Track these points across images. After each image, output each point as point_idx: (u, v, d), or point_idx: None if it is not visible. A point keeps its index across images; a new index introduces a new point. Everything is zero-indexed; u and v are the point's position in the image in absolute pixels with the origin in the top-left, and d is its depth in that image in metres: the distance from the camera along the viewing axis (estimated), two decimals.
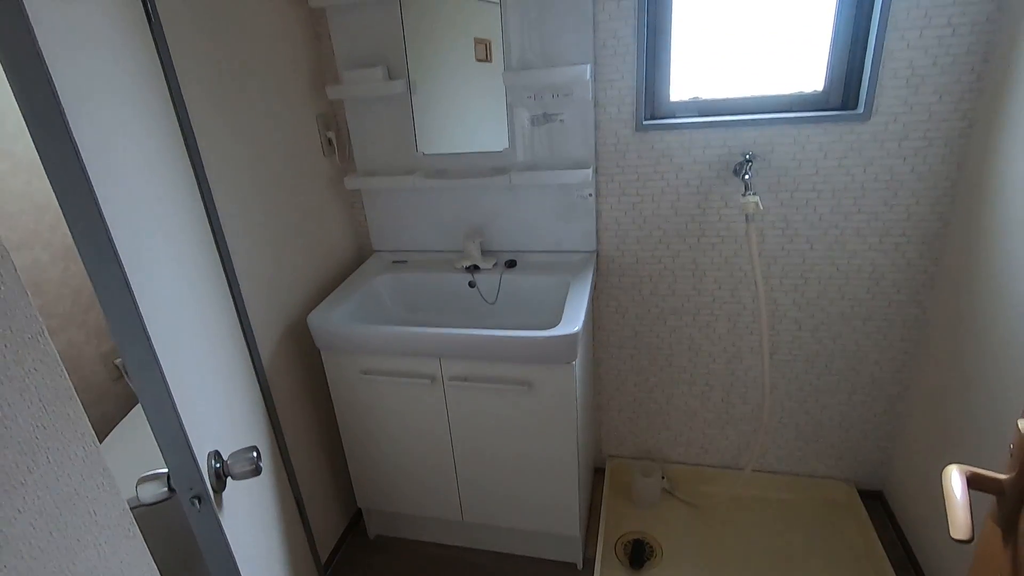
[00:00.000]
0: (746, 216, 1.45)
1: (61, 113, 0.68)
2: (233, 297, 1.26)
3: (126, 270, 0.74)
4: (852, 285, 1.59)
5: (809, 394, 1.76)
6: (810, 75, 1.48)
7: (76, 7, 0.78)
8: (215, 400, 1.04)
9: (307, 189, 1.60)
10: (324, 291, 1.69)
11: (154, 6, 1.04)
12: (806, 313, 1.65)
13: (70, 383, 0.50)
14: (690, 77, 1.54)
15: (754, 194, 1.43)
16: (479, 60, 1.56)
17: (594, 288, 1.68)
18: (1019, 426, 0.59)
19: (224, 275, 1.23)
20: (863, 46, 1.38)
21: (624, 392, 1.90)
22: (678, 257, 1.66)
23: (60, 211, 0.68)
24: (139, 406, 1.77)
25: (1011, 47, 1.21)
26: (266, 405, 1.36)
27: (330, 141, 1.69)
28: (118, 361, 2.05)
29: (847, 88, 1.45)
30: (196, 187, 1.15)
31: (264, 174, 1.42)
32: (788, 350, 1.71)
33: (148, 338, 0.77)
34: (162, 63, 1.06)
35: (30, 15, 0.64)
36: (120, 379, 2.10)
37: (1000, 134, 1.24)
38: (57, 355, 0.49)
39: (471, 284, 1.68)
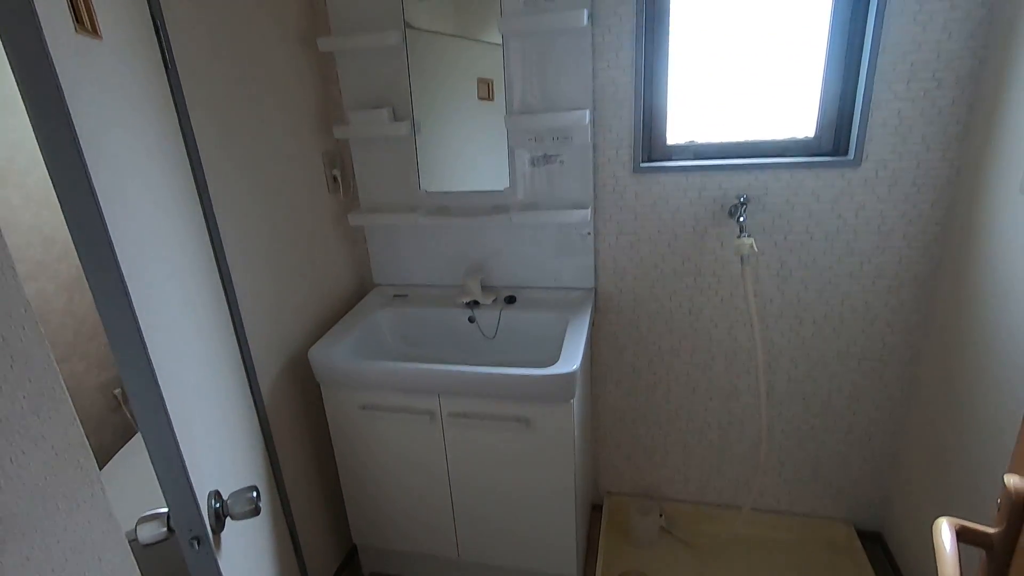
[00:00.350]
0: (741, 258, 1.49)
1: (79, 151, 0.70)
2: (236, 333, 1.28)
3: (135, 306, 0.76)
4: (847, 326, 1.61)
5: (807, 433, 1.76)
6: (802, 121, 1.53)
7: (97, 51, 0.82)
8: (216, 438, 1.05)
9: (311, 224, 1.64)
10: (325, 324, 1.71)
11: (171, 52, 1.09)
12: (802, 353, 1.67)
13: (82, 431, 0.52)
14: (686, 121, 1.59)
15: (749, 236, 1.47)
16: (481, 99, 1.61)
17: (592, 325, 1.70)
18: (1005, 481, 0.60)
19: (228, 311, 1.26)
20: (852, 96, 1.44)
21: (622, 429, 1.91)
22: (675, 295, 1.69)
23: (67, 243, 0.70)
24: (136, 437, 1.77)
25: (994, 99, 1.26)
26: (265, 441, 1.36)
27: (335, 178, 1.73)
28: (117, 391, 2.05)
29: (838, 135, 1.50)
30: (204, 224, 1.18)
31: (270, 210, 1.45)
32: (785, 389, 1.72)
33: (155, 378, 0.79)
34: (175, 102, 1.10)
35: (53, 56, 0.67)
36: (118, 409, 2.10)
37: (986, 181, 1.28)
38: (72, 405, 0.51)
39: (471, 319, 1.70)
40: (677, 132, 1.60)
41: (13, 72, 0.63)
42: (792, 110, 1.52)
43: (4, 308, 0.45)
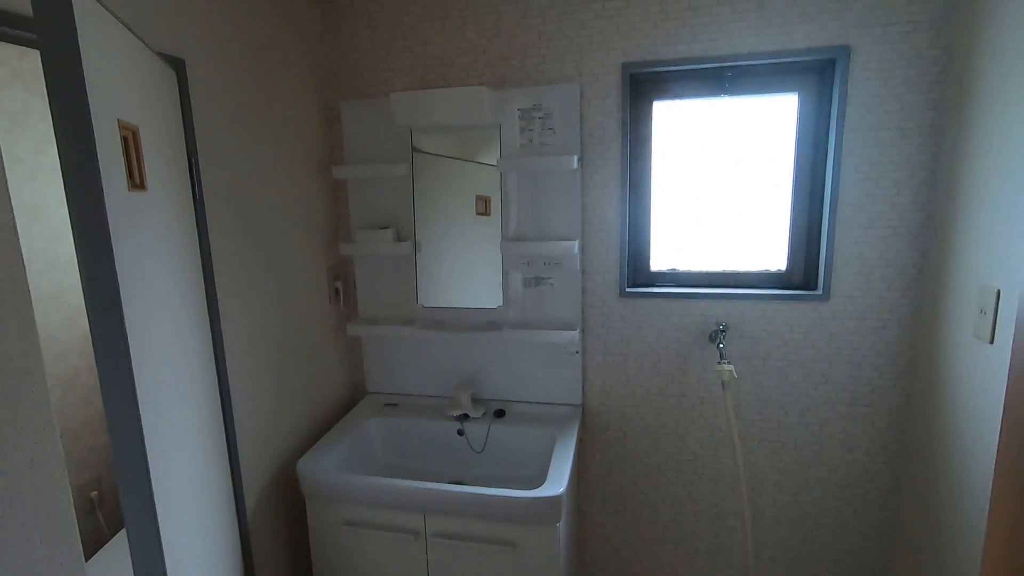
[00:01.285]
0: (722, 383, 1.55)
1: (115, 283, 0.77)
2: (228, 446, 1.30)
3: (140, 414, 0.80)
4: (827, 452, 1.65)
5: (795, 560, 1.74)
6: (775, 255, 1.66)
7: (142, 200, 0.92)
8: (196, 553, 1.04)
9: (312, 333, 1.70)
10: (317, 431, 1.72)
11: (200, 187, 1.21)
12: (786, 477, 1.69)
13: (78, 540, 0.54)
14: (668, 250, 1.72)
15: (728, 363, 1.54)
16: (479, 214, 1.75)
17: (580, 441, 1.73)
18: None
19: (223, 424, 1.28)
20: (818, 237, 1.58)
21: (608, 550, 1.87)
22: (660, 415, 1.73)
23: (67, 342, 0.75)
24: (108, 546, 1.71)
25: (941, 249, 1.39)
26: (244, 558, 1.34)
27: (337, 291, 1.82)
28: (94, 494, 2.00)
29: (807, 270, 1.62)
30: (210, 333, 1.24)
31: (274, 319, 1.52)
32: (771, 514, 1.72)
33: (152, 497, 0.81)
34: (198, 227, 1.21)
35: (108, 211, 0.75)
36: (92, 512, 2.03)
37: (943, 323, 1.38)
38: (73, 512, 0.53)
39: (460, 432, 1.72)
40: (660, 260, 1.73)
41: (71, 221, 0.72)
42: (765, 244, 1.66)
43: (35, 427, 0.50)
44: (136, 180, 0.84)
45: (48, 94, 0.67)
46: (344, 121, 1.75)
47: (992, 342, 1.19)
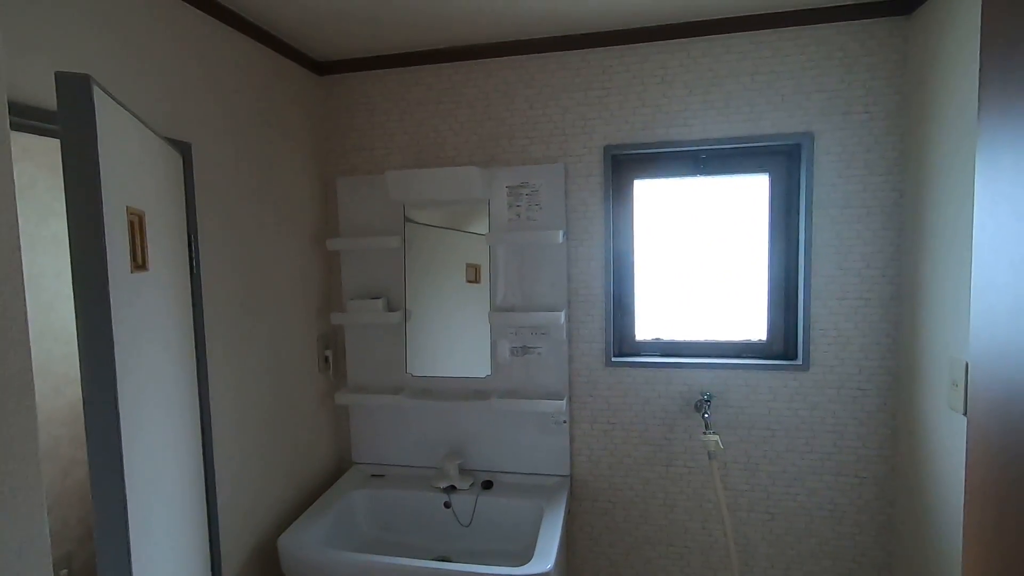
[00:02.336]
0: (708, 453, 1.56)
1: (112, 361, 0.79)
2: (209, 520, 1.28)
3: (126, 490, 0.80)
4: (817, 523, 1.64)
5: None
6: (755, 325, 1.71)
7: (143, 279, 0.96)
8: None
9: (299, 402, 1.70)
10: (301, 503, 1.68)
11: (198, 263, 1.25)
12: (777, 550, 1.67)
13: None
14: (652, 320, 1.77)
15: (714, 433, 1.56)
16: (469, 282, 1.79)
17: (568, 513, 1.70)
18: None
19: (205, 500, 1.27)
20: (795, 308, 1.63)
21: None
22: (648, 485, 1.72)
23: (57, 421, 0.76)
24: None
25: (912, 319, 1.45)
26: None
27: (327, 359, 1.83)
28: (64, 572, 1.92)
29: (787, 340, 1.67)
30: (198, 405, 1.25)
31: (263, 388, 1.53)
32: None
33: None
34: (193, 299, 1.24)
35: (111, 292, 0.78)
36: None
37: (919, 393, 1.42)
38: None
39: (447, 505, 1.69)
40: (644, 329, 1.77)
41: (76, 302, 0.75)
42: (745, 314, 1.71)
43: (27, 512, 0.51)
44: (139, 261, 0.88)
45: (64, 184, 0.72)
46: (339, 195, 1.83)
47: (965, 414, 1.22)
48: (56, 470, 1.90)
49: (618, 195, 1.72)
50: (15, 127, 0.87)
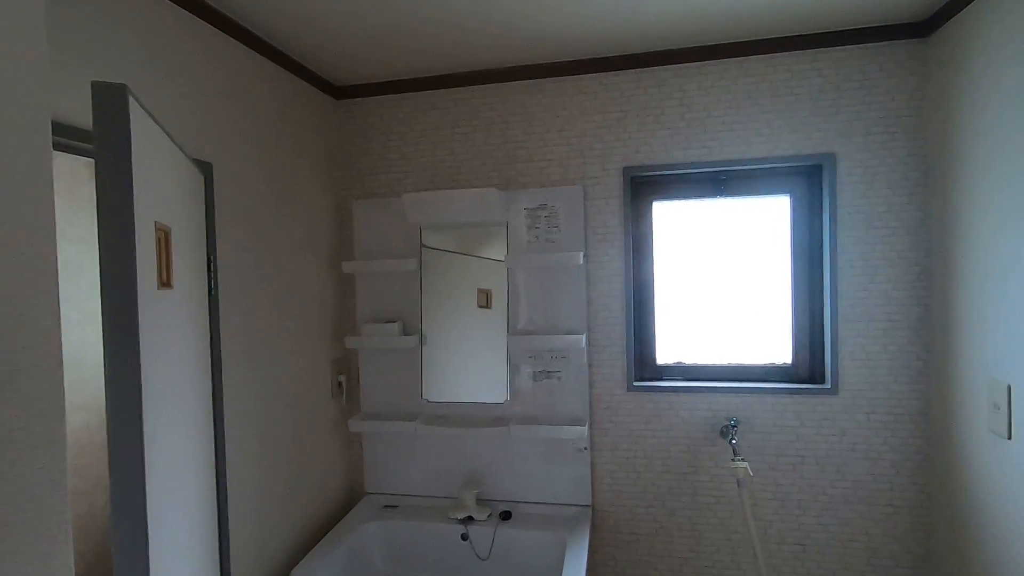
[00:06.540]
0: (737, 481, 1.50)
1: (139, 383, 0.75)
2: (221, 556, 1.22)
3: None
4: (851, 555, 1.57)
5: None
6: (780, 348, 1.67)
7: (167, 297, 0.93)
8: None
9: (310, 429, 1.65)
10: (312, 535, 1.62)
11: (216, 281, 1.23)
12: None
13: None
14: (674, 343, 1.73)
15: (743, 460, 1.50)
16: (480, 307, 1.76)
17: (590, 545, 1.63)
18: None
19: (217, 534, 1.21)
20: (821, 330, 1.60)
21: None
22: (673, 516, 1.66)
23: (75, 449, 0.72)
24: None
25: (945, 341, 1.42)
26: None
27: (340, 384, 1.79)
28: None
29: (812, 363, 1.63)
30: (212, 428, 1.20)
31: (275, 416, 1.48)
32: None
33: None
34: (210, 320, 1.20)
35: (139, 310, 0.75)
36: None
37: (956, 418, 1.38)
38: None
39: (464, 537, 1.63)
40: (666, 353, 1.73)
41: (103, 319, 0.72)
42: (769, 338, 1.68)
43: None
44: (164, 279, 0.85)
45: (97, 198, 0.70)
46: (355, 218, 1.81)
47: (1010, 438, 1.18)
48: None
49: (637, 217, 1.71)
50: None
